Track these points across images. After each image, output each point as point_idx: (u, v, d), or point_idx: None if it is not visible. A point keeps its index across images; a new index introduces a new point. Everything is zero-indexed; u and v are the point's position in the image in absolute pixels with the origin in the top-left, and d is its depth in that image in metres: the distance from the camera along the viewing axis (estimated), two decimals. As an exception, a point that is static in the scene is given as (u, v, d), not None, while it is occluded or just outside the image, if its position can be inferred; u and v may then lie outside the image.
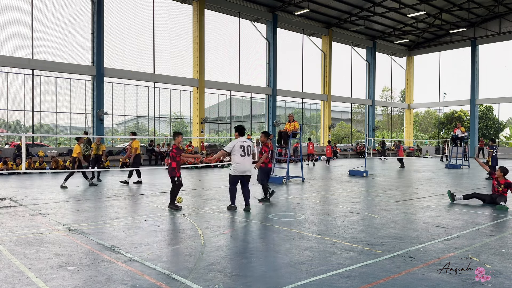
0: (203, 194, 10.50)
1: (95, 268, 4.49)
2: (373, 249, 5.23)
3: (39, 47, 20.89)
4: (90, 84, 22.45)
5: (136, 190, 11.20)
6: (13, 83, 20.81)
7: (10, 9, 20.84)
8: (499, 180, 8.86)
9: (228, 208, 8.07)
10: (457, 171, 18.74)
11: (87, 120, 23.41)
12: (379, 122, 46.60)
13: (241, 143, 7.82)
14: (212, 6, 26.41)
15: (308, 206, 8.65)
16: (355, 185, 12.64)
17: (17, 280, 4.09)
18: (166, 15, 25.93)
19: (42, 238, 5.81)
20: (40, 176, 15.56)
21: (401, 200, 9.60)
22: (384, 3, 30.09)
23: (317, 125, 37.16)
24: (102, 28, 21.98)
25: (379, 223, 6.89)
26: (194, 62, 26.08)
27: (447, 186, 12.45)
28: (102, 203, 9.04)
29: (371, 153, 31.15)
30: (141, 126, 33.19)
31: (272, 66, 29.84)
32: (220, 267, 4.51)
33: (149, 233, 6.08)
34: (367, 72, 37.98)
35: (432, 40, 39.13)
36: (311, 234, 6.07)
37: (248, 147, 7.85)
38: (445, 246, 5.42)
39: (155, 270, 4.41)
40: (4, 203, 8.87)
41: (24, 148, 11.26)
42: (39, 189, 11.64)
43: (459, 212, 7.93)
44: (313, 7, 29.20)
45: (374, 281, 4.09)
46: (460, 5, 31.56)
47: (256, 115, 31.90)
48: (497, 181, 8.89)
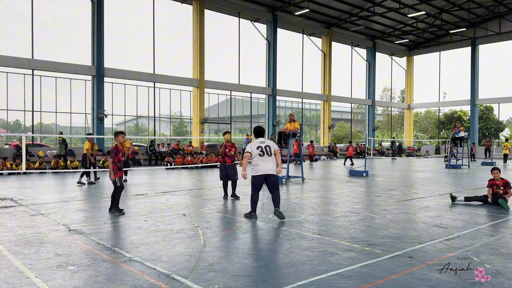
0: (203, 194, 10.50)
1: (95, 268, 4.49)
2: (373, 249, 5.23)
3: (39, 47, 20.90)
4: (90, 84, 22.45)
5: (136, 190, 11.20)
6: (13, 83, 20.82)
7: (10, 9, 20.85)
8: (498, 183, 8.64)
9: (246, 216, 7.33)
10: (457, 171, 18.74)
11: (87, 120, 23.42)
12: (379, 122, 46.60)
13: (257, 144, 7.33)
14: (212, 6, 26.41)
15: (308, 206, 8.65)
16: (355, 185, 12.64)
17: (17, 280, 4.09)
18: (166, 15, 25.93)
19: (42, 238, 5.81)
20: (40, 176, 15.56)
21: (401, 200, 9.60)
22: (384, 3, 30.09)
23: (317, 125, 37.16)
24: (102, 28, 21.98)
25: (379, 223, 6.89)
26: (194, 62, 26.08)
27: (447, 186, 12.45)
28: (102, 203, 9.04)
29: (371, 153, 31.16)
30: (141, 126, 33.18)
31: (272, 66, 29.84)
32: (220, 267, 4.51)
33: (149, 233, 6.08)
34: (367, 72, 37.98)
35: (432, 40, 39.13)
36: (311, 234, 6.07)
37: (266, 147, 7.25)
38: (445, 246, 5.42)
39: (155, 270, 4.41)
40: (4, 203, 8.87)
41: (24, 148, 11.26)
42: (39, 189, 11.64)
43: (459, 212, 7.93)
44: (313, 7, 29.20)
45: (374, 281, 4.09)
46: (460, 5, 31.56)
47: (256, 115, 31.89)
48: (496, 185, 8.65)
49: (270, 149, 7.24)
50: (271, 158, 7.21)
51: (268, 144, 7.31)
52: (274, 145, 7.40)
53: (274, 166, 7.21)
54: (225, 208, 8.37)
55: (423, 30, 35.66)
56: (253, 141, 7.57)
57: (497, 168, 8.78)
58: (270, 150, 7.24)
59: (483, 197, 8.88)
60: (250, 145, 7.39)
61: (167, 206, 8.57)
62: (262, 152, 7.19)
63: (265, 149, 7.22)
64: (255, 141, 7.45)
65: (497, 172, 8.70)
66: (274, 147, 7.35)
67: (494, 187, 8.71)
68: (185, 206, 8.58)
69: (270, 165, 7.16)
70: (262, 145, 7.26)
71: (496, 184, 8.69)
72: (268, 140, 7.47)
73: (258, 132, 7.54)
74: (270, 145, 7.30)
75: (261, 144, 7.29)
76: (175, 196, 10.13)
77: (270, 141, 7.44)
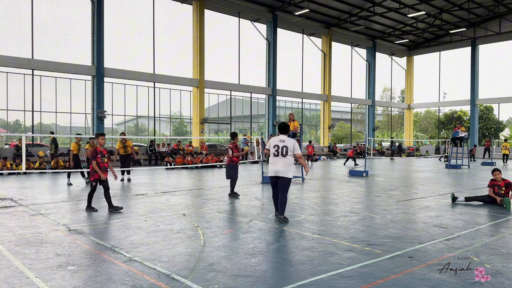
0: (203, 194, 10.50)
1: (95, 268, 4.49)
2: (373, 249, 5.23)
3: (39, 47, 20.90)
4: (90, 84, 22.45)
5: (136, 190, 11.20)
6: (13, 83, 20.82)
7: (10, 9, 20.85)
8: (499, 184, 8.63)
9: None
10: (457, 171, 18.74)
11: (87, 120, 23.42)
12: (379, 122, 46.61)
13: (276, 141, 6.94)
14: (212, 6, 26.42)
15: (308, 206, 8.65)
16: (355, 185, 12.64)
17: (17, 280, 4.09)
18: (166, 15, 25.94)
19: (42, 238, 5.81)
20: (40, 176, 15.56)
21: (401, 200, 9.60)
22: (384, 3, 30.10)
23: (317, 125, 37.16)
24: (102, 28, 21.98)
25: (379, 223, 6.89)
26: (194, 62, 26.09)
27: (447, 186, 12.45)
28: (102, 203, 9.04)
29: (371, 153, 31.17)
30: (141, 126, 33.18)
31: (272, 66, 29.84)
32: (220, 267, 4.51)
33: (149, 233, 6.08)
34: (367, 72, 37.98)
35: (432, 40, 39.13)
36: (311, 234, 6.07)
37: (284, 147, 6.84)
38: (445, 246, 5.42)
39: (155, 270, 4.41)
40: (4, 203, 8.87)
41: (24, 148, 11.27)
42: (39, 189, 11.64)
43: (459, 212, 7.93)
44: (313, 7, 29.21)
45: (374, 281, 4.09)
46: (460, 5, 31.56)
47: (256, 115, 31.90)
48: (497, 185, 8.64)
49: (286, 150, 6.85)
50: (282, 159, 6.84)
51: (286, 145, 6.88)
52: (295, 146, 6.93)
53: (283, 167, 6.81)
54: (225, 208, 8.37)
55: (423, 30, 35.67)
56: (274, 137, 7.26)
57: (498, 169, 8.78)
58: (285, 151, 6.85)
59: (484, 197, 8.87)
60: (269, 142, 7.10)
61: (167, 206, 8.57)
62: (277, 152, 6.87)
63: (281, 149, 6.86)
64: (275, 137, 7.10)
65: (498, 173, 8.70)
66: (295, 150, 6.90)
67: (495, 188, 8.71)
68: (185, 206, 8.58)
69: (279, 167, 6.82)
70: (280, 144, 6.89)
71: (498, 184, 8.68)
72: (290, 139, 6.95)
73: (281, 128, 7.14)
74: (288, 146, 6.88)
75: (279, 143, 6.92)
76: (175, 196, 10.13)
77: (290, 141, 6.93)
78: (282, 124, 7.19)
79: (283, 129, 7.11)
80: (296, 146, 6.94)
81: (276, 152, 6.88)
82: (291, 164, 6.89)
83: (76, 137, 13.17)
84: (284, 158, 6.83)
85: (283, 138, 6.98)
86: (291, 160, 6.91)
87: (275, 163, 6.86)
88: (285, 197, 6.90)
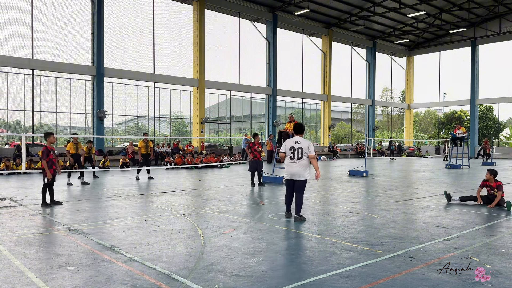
0: (203, 194, 10.50)
1: (95, 268, 4.49)
2: (373, 249, 5.23)
3: (39, 47, 20.89)
4: (90, 84, 22.45)
5: (136, 190, 11.20)
6: (13, 83, 20.82)
7: (10, 9, 20.85)
8: (491, 184, 8.65)
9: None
10: (457, 171, 18.74)
11: (87, 120, 23.42)
12: (379, 122, 46.61)
13: (292, 143, 6.91)
14: (212, 6, 26.41)
15: (308, 206, 8.64)
16: (355, 185, 12.64)
17: (17, 280, 4.09)
18: (166, 15, 25.94)
19: (42, 238, 5.81)
20: (40, 176, 15.54)
21: (401, 200, 9.60)
22: (384, 3, 30.09)
23: (317, 125, 37.16)
24: (102, 28, 21.98)
25: (379, 223, 6.89)
26: (194, 62, 26.08)
27: (447, 186, 12.45)
28: (102, 203, 9.04)
29: (371, 153, 31.17)
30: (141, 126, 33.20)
31: (272, 66, 29.83)
32: (220, 267, 4.51)
33: (149, 233, 6.08)
34: (367, 72, 37.98)
35: (432, 40, 39.13)
36: (311, 234, 6.07)
37: (299, 149, 6.81)
38: (445, 246, 5.42)
39: (155, 270, 4.41)
40: (4, 203, 8.87)
41: (24, 148, 11.27)
42: (39, 189, 11.62)
43: (459, 212, 7.93)
44: (313, 7, 29.20)
45: (374, 281, 4.09)
46: (460, 5, 31.56)
47: (256, 115, 31.90)
48: (490, 186, 8.67)
49: (301, 152, 6.83)
50: (298, 162, 6.84)
51: (302, 146, 6.85)
52: (309, 147, 6.89)
53: (299, 170, 6.84)
54: (225, 208, 8.37)
55: (423, 30, 35.66)
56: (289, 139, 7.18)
57: (494, 171, 8.75)
58: (301, 153, 6.83)
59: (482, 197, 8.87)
60: (285, 144, 7.03)
61: (167, 206, 8.57)
62: (294, 154, 6.86)
63: (297, 151, 6.84)
64: (290, 139, 7.05)
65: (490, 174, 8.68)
66: (309, 151, 6.87)
67: (488, 188, 8.75)
68: (185, 206, 8.58)
69: (295, 169, 6.86)
70: (296, 146, 6.87)
71: (490, 185, 8.71)
72: (305, 140, 6.96)
73: (296, 128, 7.07)
74: (303, 147, 6.84)
75: (295, 144, 6.89)
76: (175, 196, 10.13)
77: (306, 142, 6.93)
78: (297, 125, 7.14)
79: (298, 129, 7.08)
80: (311, 147, 6.94)
81: (292, 155, 6.89)
82: (307, 165, 6.93)
83: (73, 137, 13.23)
84: (300, 160, 6.86)
85: (299, 139, 6.97)
86: (307, 162, 6.93)
87: (291, 166, 6.91)
88: (301, 197, 7.01)
